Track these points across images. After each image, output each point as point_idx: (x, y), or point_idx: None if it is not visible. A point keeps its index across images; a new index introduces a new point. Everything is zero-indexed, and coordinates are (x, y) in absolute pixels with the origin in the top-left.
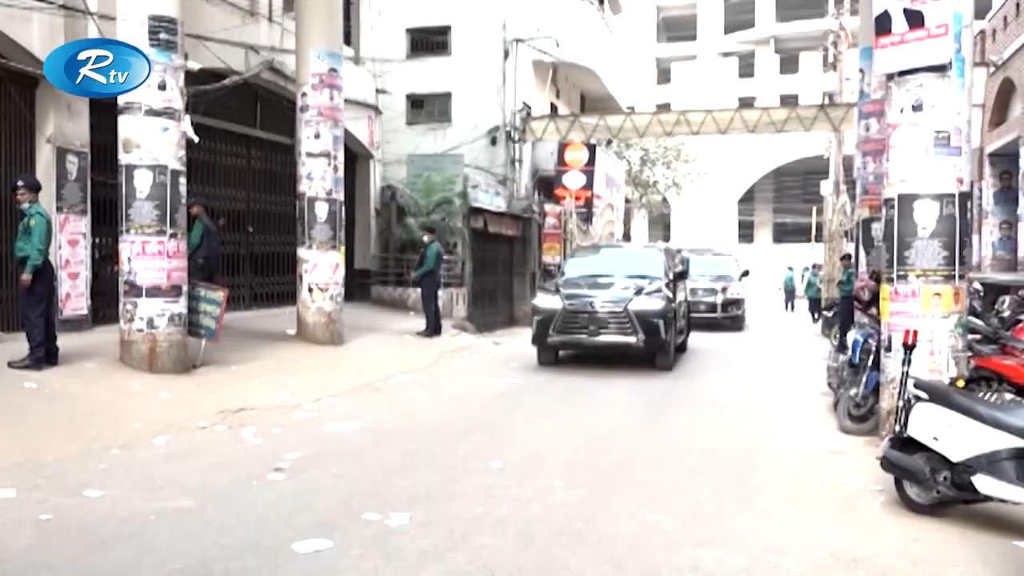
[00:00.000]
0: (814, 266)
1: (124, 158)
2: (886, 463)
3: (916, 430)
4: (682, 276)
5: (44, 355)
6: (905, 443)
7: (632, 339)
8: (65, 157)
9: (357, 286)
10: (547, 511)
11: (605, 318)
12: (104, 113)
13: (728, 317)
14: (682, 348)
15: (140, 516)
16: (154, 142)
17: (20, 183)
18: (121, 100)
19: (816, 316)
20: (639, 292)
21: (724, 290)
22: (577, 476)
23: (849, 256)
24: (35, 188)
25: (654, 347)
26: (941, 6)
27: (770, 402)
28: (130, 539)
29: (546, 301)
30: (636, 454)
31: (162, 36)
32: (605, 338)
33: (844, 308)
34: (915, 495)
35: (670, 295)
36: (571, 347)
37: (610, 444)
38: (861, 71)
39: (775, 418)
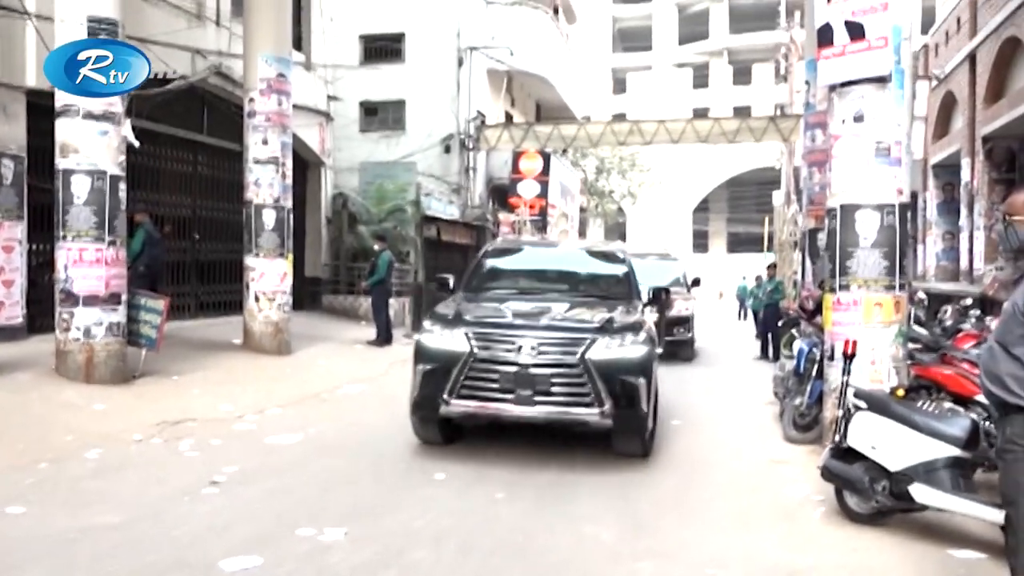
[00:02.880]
0: (757, 278)
1: (61, 163)
2: (826, 473)
3: (855, 439)
4: (657, 299)
5: None
6: (845, 453)
7: (592, 412)
8: (0, 161)
9: (308, 295)
10: (487, 524)
11: (545, 375)
12: (41, 116)
13: (673, 342)
14: None
15: (63, 533)
16: (92, 146)
17: None
18: (58, 103)
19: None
20: (604, 328)
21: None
22: (520, 489)
23: (774, 265)
24: None
25: (627, 426)
26: (881, 19)
27: (717, 412)
28: (49, 557)
29: (438, 339)
30: (580, 466)
31: (101, 38)
32: (544, 409)
33: (768, 316)
34: (855, 505)
35: (652, 331)
36: (479, 420)
37: (555, 456)
38: (807, 83)
39: (721, 428)
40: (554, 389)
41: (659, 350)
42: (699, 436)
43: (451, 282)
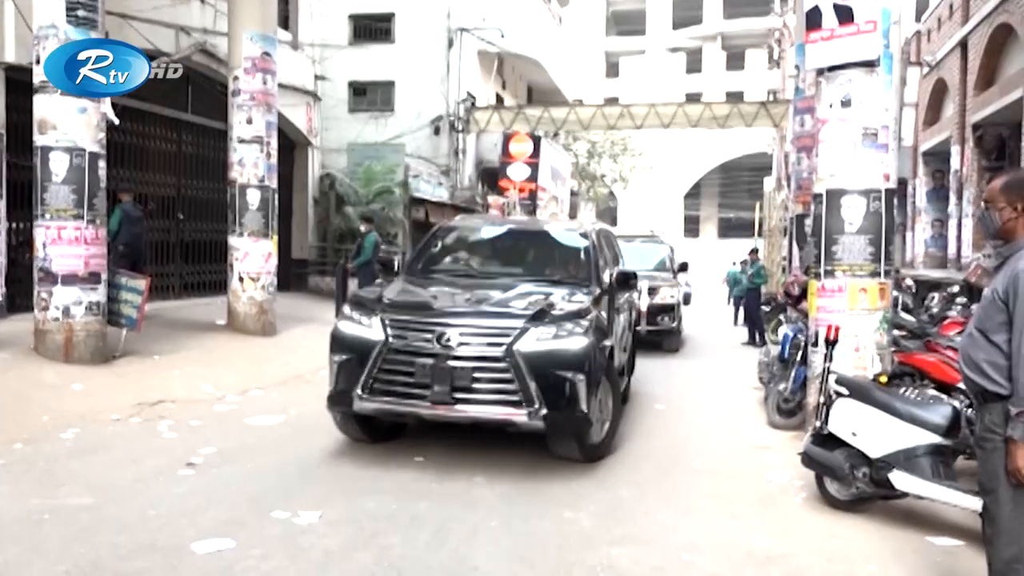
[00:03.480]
0: (742, 263)
1: (39, 140)
2: (806, 459)
3: (836, 426)
4: (625, 283)
5: None
6: (826, 439)
7: (519, 412)
8: None
9: (294, 276)
10: (465, 508)
11: (466, 369)
12: (20, 93)
13: (657, 332)
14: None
15: (34, 515)
16: (71, 123)
17: None
18: (36, 79)
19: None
20: (539, 317)
21: (653, 292)
22: (500, 472)
23: (756, 250)
24: None
25: (562, 429)
26: (870, 2)
27: (702, 397)
28: (19, 540)
29: (354, 327)
30: None
31: (80, 13)
32: (465, 408)
33: (750, 301)
34: (835, 491)
35: (602, 320)
36: (394, 418)
37: (537, 440)
38: (797, 67)
39: (705, 412)
40: (476, 385)
41: (608, 341)
42: (682, 421)
43: (396, 263)
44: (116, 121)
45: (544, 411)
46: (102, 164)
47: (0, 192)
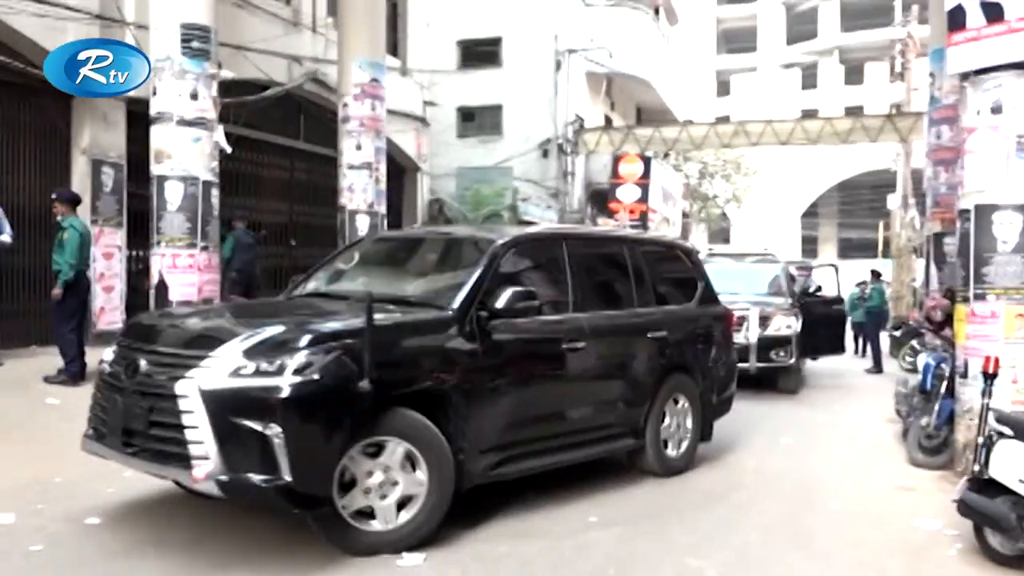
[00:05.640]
0: (859, 284)
1: (155, 169)
2: (964, 507)
3: (999, 471)
4: (511, 308)
5: (79, 370)
6: (986, 485)
7: (187, 472)
8: (100, 169)
9: None
10: (579, 552)
11: (141, 408)
12: (140, 124)
13: (768, 368)
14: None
15: (137, 548)
16: (185, 153)
17: (54, 195)
18: (153, 110)
19: (863, 347)
20: (250, 338)
21: (764, 322)
22: (614, 512)
23: (876, 272)
24: (71, 201)
25: (252, 499)
26: None
27: (832, 428)
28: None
29: (109, 354)
30: (681, 487)
31: (194, 44)
32: (141, 461)
33: (869, 324)
34: (998, 544)
35: (362, 350)
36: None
37: (651, 475)
38: (931, 75)
39: (837, 447)
40: (153, 431)
41: (364, 383)
42: (812, 456)
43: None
44: (229, 149)
45: (224, 472)
46: (215, 192)
47: (121, 221)
